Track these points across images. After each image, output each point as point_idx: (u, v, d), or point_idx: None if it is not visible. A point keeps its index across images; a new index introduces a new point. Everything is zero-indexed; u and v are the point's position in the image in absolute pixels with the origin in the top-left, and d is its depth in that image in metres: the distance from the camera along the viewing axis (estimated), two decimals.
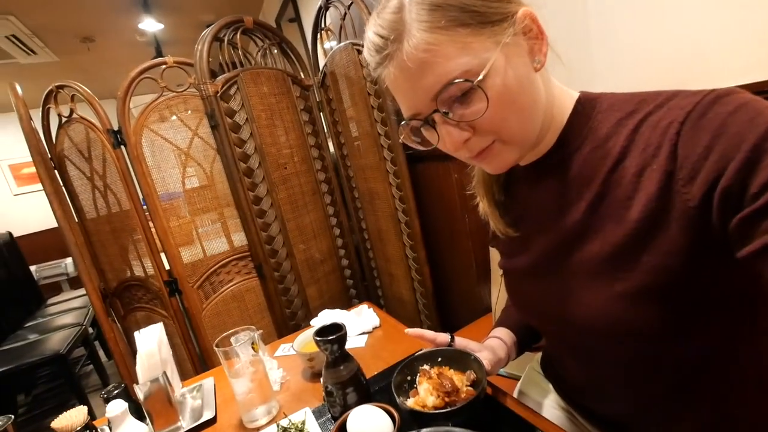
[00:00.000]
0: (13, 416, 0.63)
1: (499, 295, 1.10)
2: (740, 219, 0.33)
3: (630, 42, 0.97)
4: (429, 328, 1.57)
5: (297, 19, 2.75)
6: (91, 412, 2.10)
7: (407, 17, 0.39)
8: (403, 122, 0.45)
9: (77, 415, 0.66)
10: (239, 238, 1.48)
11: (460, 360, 0.58)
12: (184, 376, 1.50)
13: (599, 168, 0.43)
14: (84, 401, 2.00)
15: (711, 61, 0.83)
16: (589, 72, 1.04)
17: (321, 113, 1.67)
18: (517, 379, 0.82)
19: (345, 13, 1.41)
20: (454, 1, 0.38)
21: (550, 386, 0.69)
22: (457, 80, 0.38)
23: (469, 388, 0.54)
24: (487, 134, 0.42)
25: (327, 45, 1.59)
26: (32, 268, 3.25)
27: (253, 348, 0.67)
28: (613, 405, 0.53)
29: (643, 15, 0.93)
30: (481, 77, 0.37)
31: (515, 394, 0.76)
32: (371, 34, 0.42)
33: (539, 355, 0.76)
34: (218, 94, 1.33)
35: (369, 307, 0.97)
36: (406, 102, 0.43)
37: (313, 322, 0.95)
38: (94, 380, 2.47)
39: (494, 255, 1.13)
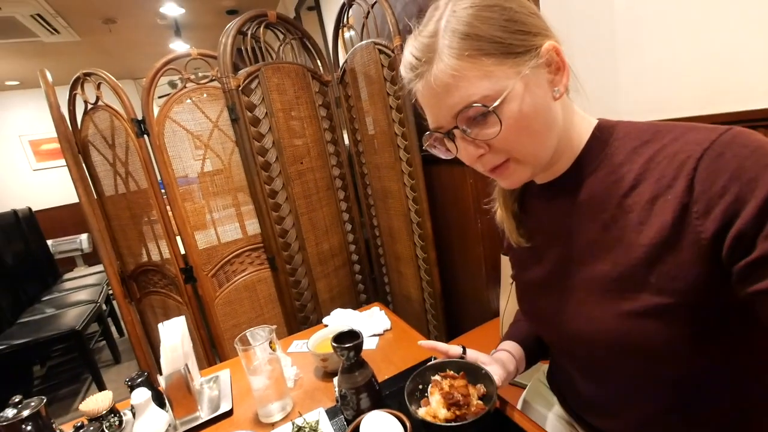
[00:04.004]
0: (45, 398, 0.66)
1: (507, 304, 1.12)
2: (749, 261, 0.35)
3: (657, 58, 0.96)
4: (435, 328, 1.60)
5: (316, 7, 2.73)
6: (102, 387, 2.17)
7: (440, 43, 0.42)
8: (427, 132, 0.49)
9: (103, 399, 0.70)
10: (252, 227, 1.51)
11: (471, 373, 0.60)
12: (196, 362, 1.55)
13: (613, 191, 0.45)
14: (96, 375, 2.08)
15: (742, 83, 0.81)
16: (612, 86, 1.03)
17: (338, 109, 1.68)
18: (522, 387, 0.83)
19: (368, 12, 1.40)
20: (484, 33, 0.40)
21: (555, 399, 0.71)
22: (475, 104, 0.41)
23: (480, 402, 0.56)
24: (500, 153, 0.45)
25: (347, 35, 1.59)
26: (49, 242, 3.34)
27: (270, 347, 0.69)
28: (616, 421, 0.55)
29: (672, 31, 0.91)
30: (497, 103, 0.41)
31: (519, 404, 0.78)
32: (407, 54, 0.45)
33: (545, 366, 0.78)
34: (240, 88, 1.34)
35: (381, 310, 1.00)
36: (431, 116, 0.47)
37: (326, 320, 0.98)
38: (106, 356, 2.56)
39: (505, 263, 1.14)
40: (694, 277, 0.39)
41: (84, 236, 4.06)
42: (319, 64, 1.64)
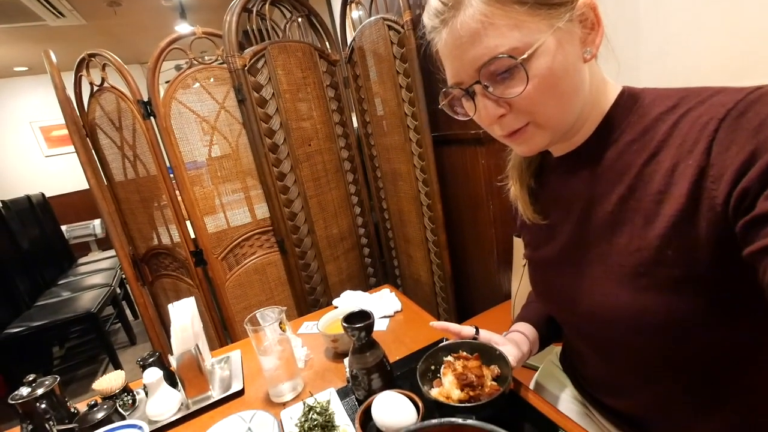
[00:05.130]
0: (58, 377, 0.67)
1: (519, 287, 1.10)
2: (747, 220, 0.32)
3: (682, 26, 0.90)
4: (445, 310, 1.59)
5: None
6: (119, 367, 2.24)
7: None
8: (444, 89, 0.46)
9: (116, 378, 0.71)
10: (261, 210, 1.50)
11: (485, 354, 0.59)
12: (207, 343, 1.58)
13: (634, 161, 0.43)
14: (113, 356, 2.13)
15: None
16: (633, 55, 0.98)
17: (346, 89, 1.64)
18: (534, 369, 0.82)
19: None
20: None
21: (568, 380, 0.70)
22: (502, 55, 0.38)
23: (493, 383, 0.55)
24: (522, 114, 0.42)
25: (354, 14, 1.54)
26: (63, 227, 3.40)
27: (280, 327, 0.69)
28: (631, 401, 0.54)
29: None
30: (525, 56, 0.38)
31: (532, 386, 0.77)
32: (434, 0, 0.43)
33: (558, 348, 0.77)
34: (246, 68, 1.31)
35: (391, 291, 0.98)
36: (452, 69, 0.44)
37: (336, 302, 0.98)
38: (122, 337, 2.62)
39: (518, 245, 1.11)
40: (711, 247, 0.37)
41: (97, 222, 4.13)
42: (327, 43, 1.59)
